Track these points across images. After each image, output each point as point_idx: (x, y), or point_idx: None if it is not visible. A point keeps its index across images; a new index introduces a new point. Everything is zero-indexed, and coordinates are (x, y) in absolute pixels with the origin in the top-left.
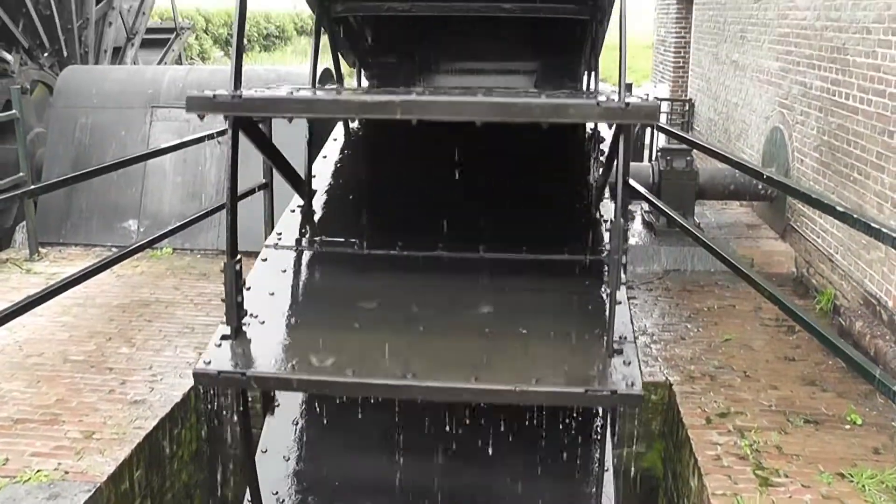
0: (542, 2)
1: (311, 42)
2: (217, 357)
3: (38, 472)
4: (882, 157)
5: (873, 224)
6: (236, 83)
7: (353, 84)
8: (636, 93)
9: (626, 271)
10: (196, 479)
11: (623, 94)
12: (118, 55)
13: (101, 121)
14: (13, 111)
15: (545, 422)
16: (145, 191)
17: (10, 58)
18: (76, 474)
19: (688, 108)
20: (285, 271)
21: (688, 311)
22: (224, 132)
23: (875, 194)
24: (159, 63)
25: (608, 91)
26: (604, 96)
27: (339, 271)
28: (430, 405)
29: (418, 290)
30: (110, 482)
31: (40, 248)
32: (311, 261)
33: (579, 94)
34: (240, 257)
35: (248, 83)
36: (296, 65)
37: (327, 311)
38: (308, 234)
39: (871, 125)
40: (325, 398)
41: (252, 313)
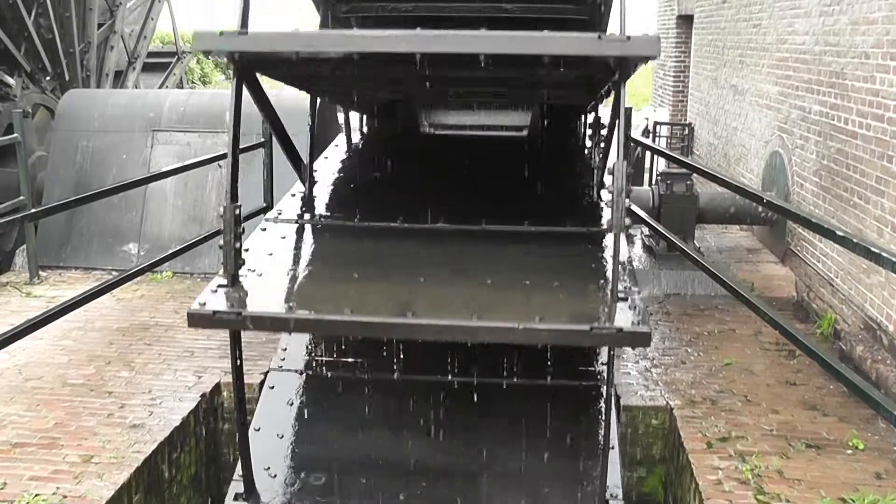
0: (542, 3)
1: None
2: (212, 299)
3: (36, 496)
4: (882, 182)
5: (873, 248)
6: (243, 23)
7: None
8: (636, 117)
9: (631, 241)
10: (195, 503)
11: (624, 30)
12: (120, 79)
13: (102, 144)
14: (15, 135)
15: (549, 406)
16: (146, 214)
17: (12, 81)
18: (75, 499)
19: (687, 132)
20: (285, 237)
21: (688, 336)
22: (224, 156)
23: (875, 219)
24: (161, 87)
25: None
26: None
27: (340, 239)
28: (430, 386)
29: (420, 253)
30: None
31: (40, 272)
32: (312, 231)
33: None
34: (240, 203)
35: (249, 107)
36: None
37: (327, 267)
38: (308, 212)
39: (871, 150)
40: (322, 380)
41: (250, 268)
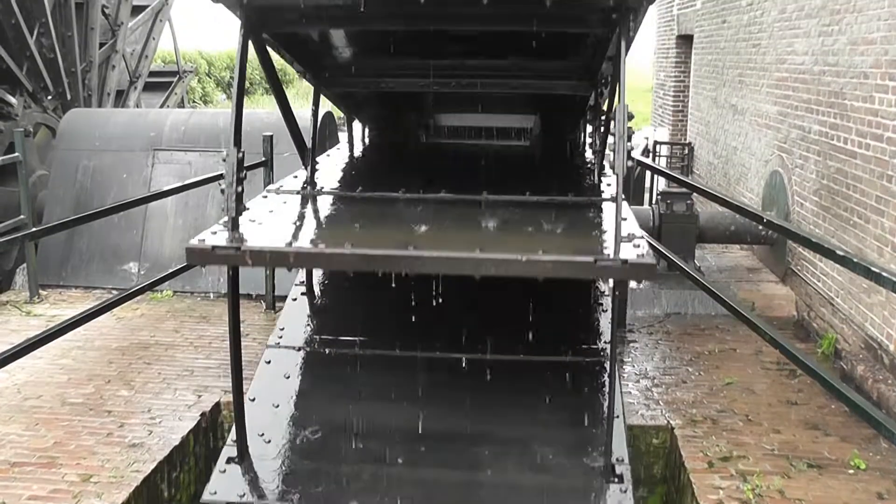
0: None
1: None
2: (211, 237)
3: None
4: (881, 202)
5: (873, 268)
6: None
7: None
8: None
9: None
10: None
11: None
12: (121, 98)
13: (103, 163)
14: (16, 154)
15: (553, 380)
16: (146, 233)
17: (13, 101)
18: None
19: (687, 151)
20: (286, 202)
21: (689, 355)
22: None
23: (875, 238)
24: (162, 106)
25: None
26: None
27: (342, 204)
28: (431, 363)
29: (423, 212)
30: None
31: (41, 291)
32: (313, 199)
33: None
34: (244, 150)
35: (249, 126)
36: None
37: (329, 222)
38: (310, 185)
39: (870, 169)
40: (320, 356)
41: (251, 219)
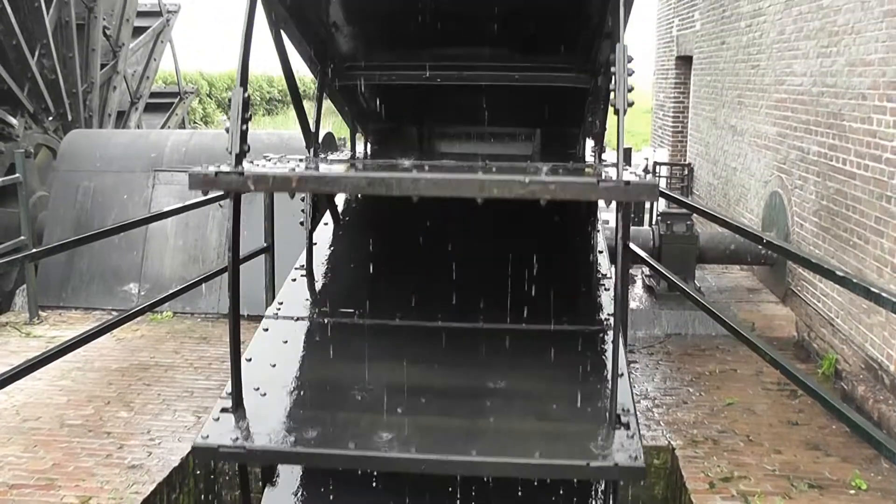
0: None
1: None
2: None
3: None
4: (881, 222)
5: (873, 288)
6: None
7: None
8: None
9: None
10: None
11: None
12: (122, 119)
13: (104, 184)
14: (17, 175)
15: (556, 345)
16: (146, 254)
17: (14, 122)
18: None
19: (687, 172)
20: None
21: (689, 375)
22: (226, 196)
23: (874, 259)
24: (163, 127)
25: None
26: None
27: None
28: (432, 331)
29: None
30: None
31: (40, 312)
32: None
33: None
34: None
35: (251, 146)
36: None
37: None
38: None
39: (869, 190)
40: (319, 325)
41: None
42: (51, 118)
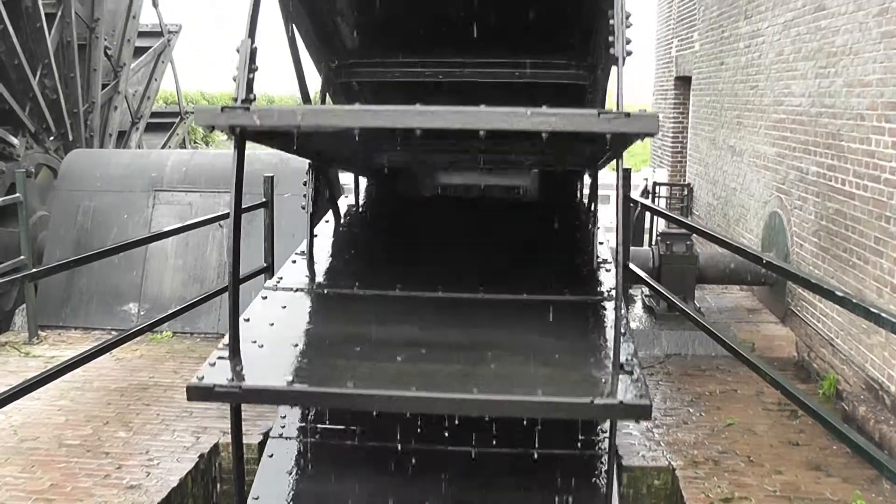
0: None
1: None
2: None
3: None
4: (880, 242)
5: (872, 309)
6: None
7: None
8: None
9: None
10: None
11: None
12: (123, 139)
13: (104, 204)
14: (17, 194)
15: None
16: (146, 274)
17: (15, 141)
18: None
19: (686, 192)
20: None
21: (689, 396)
22: (226, 216)
23: (874, 279)
24: (163, 147)
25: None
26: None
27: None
28: (432, 300)
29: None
30: None
31: (40, 331)
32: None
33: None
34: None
35: (250, 167)
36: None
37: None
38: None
39: (868, 210)
40: (316, 294)
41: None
42: (52, 138)
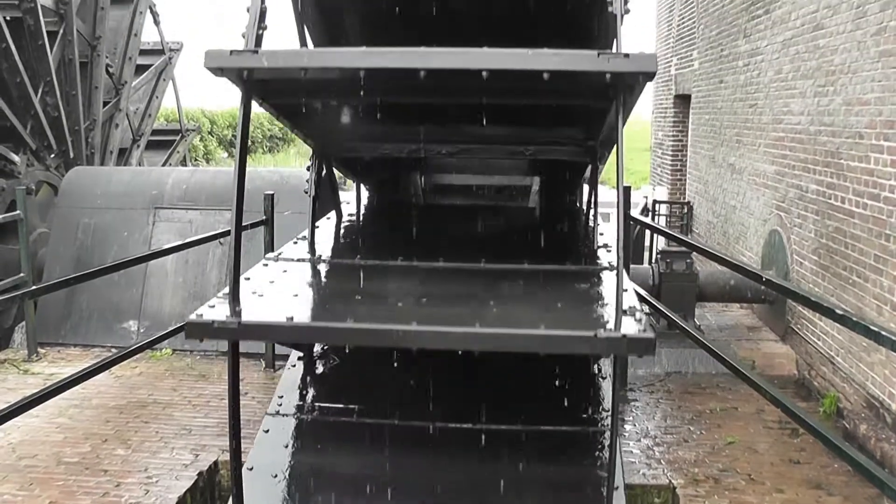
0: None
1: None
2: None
3: None
4: (880, 260)
5: (872, 327)
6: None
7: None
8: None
9: None
10: None
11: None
12: (124, 156)
13: (104, 221)
14: (17, 212)
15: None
16: (146, 291)
17: (16, 159)
18: None
19: (686, 210)
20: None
21: (690, 414)
22: (227, 233)
23: (874, 297)
24: (164, 164)
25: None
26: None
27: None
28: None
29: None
30: None
31: (39, 349)
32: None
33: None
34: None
35: (251, 185)
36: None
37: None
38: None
39: (868, 228)
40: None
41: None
42: (53, 155)
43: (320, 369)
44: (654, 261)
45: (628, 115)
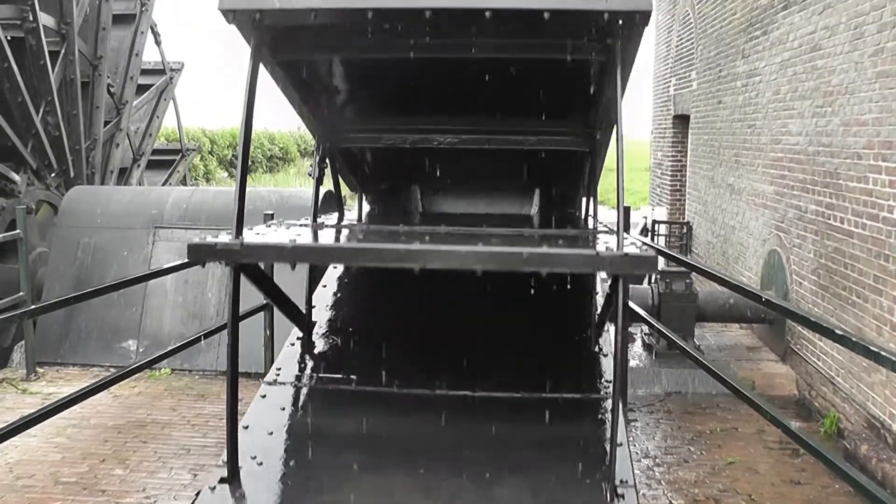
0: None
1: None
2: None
3: None
4: (879, 281)
5: (872, 347)
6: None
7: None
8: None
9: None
10: None
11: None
12: (124, 176)
13: (104, 241)
14: (17, 231)
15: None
16: (145, 311)
17: (17, 178)
18: None
19: (686, 230)
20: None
21: (690, 434)
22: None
23: (874, 317)
24: (164, 184)
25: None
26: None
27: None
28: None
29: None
30: None
31: (38, 368)
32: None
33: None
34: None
35: (251, 205)
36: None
37: None
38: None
39: (867, 248)
40: None
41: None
42: (53, 174)
43: (319, 347)
44: (653, 281)
45: (627, 76)
